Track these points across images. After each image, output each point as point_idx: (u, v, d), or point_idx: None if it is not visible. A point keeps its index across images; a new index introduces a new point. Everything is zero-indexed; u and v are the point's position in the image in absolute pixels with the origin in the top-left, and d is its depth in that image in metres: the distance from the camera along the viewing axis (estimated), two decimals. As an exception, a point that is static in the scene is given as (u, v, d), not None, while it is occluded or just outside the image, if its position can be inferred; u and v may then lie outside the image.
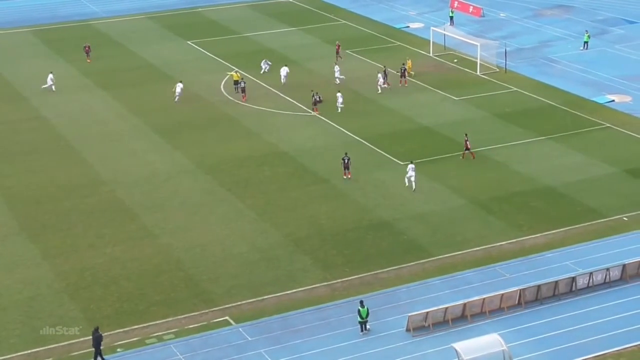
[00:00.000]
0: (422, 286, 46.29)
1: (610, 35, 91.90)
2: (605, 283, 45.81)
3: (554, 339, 41.53)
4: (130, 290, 46.41)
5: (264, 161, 62.22)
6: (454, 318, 42.98)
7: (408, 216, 53.63)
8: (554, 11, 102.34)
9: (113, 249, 50.66)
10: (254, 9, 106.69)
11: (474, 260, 48.70)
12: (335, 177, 59.14)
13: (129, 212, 55.08)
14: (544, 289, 44.59)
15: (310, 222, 53.26)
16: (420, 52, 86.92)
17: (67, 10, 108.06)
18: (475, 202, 55.22)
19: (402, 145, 64.12)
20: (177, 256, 49.72)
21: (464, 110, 71.36)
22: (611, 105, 71.99)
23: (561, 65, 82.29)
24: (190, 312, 44.27)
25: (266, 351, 41.20)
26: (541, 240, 50.59)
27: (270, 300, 45.37)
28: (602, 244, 49.95)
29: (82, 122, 70.45)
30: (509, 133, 66.22)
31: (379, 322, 42.93)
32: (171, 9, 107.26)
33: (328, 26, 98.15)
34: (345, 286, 46.49)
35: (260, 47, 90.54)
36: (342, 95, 71.18)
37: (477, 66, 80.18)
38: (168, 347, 41.65)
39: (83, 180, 59.83)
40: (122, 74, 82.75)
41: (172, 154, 63.83)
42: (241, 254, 49.75)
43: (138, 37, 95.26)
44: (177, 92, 72.77)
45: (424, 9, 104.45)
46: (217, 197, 56.94)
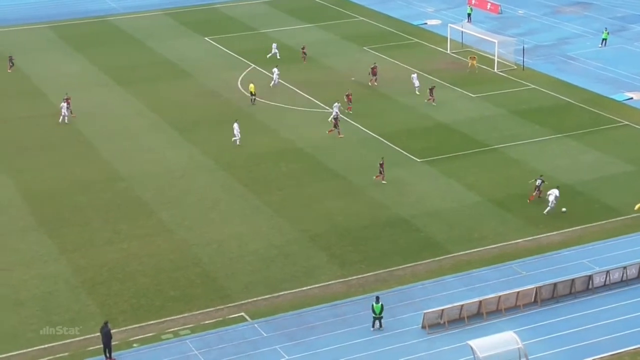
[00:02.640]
0: (437, 283, 46.23)
1: (629, 32, 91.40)
2: (622, 281, 45.61)
3: (570, 337, 41.40)
4: (147, 286, 46.58)
5: (281, 157, 62.27)
6: (469, 315, 42.91)
7: (424, 213, 53.57)
8: (573, 8, 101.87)
9: (130, 244, 50.85)
10: (271, 5, 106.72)
11: (490, 257, 48.59)
12: (351, 173, 59.13)
13: (146, 207, 55.26)
14: (560, 287, 44.44)
15: (326, 218, 53.27)
16: (438, 49, 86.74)
17: (86, 6, 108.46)
18: (492, 200, 55.09)
19: (418, 142, 64.03)
20: (194, 252, 49.85)
21: (481, 107, 71.18)
22: (630, 102, 71.62)
23: (579, 63, 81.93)
24: (206, 308, 44.38)
25: (281, 347, 41.26)
26: (558, 238, 50.41)
27: (285, 296, 45.43)
28: (620, 242, 49.71)
29: (99, 118, 70.70)
30: (526, 130, 66.01)
31: (394, 319, 42.92)
32: (188, 5, 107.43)
33: (345, 23, 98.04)
34: (361, 283, 46.51)
35: (277, 43, 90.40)
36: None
37: (494, 63, 79.93)
38: (184, 343, 41.78)
39: (100, 175, 60.07)
40: (139, 70, 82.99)
41: (189, 150, 63.98)
42: (257, 250, 49.83)
43: (155, 34, 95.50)
44: (235, 134, 64.92)
45: (442, 6, 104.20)
46: (234, 193, 57.05)
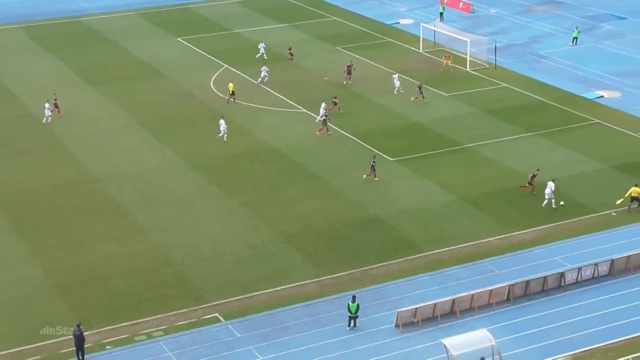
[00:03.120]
0: (411, 282, 46.44)
1: (599, 31, 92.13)
2: (594, 278, 46.04)
3: (542, 334, 41.74)
4: (120, 288, 46.45)
5: (256, 158, 62.27)
6: (442, 314, 43.14)
7: (398, 212, 53.78)
8: (544, 7, 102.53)
9: (104, 246, 50.68)
10: (244, 5, 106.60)
11: (463, 256, 48.87)
12: (327, 173, 59.25)
13: (120, 209, 55.10)
14: (533, 285, 44.79)
15: (301, 219, 53.36)
16: (410, 49, 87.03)
17: (58, 6, 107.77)
18: (465, 198, 55.40)
19: (392, 142, 64.24)
20: (168, 253, 49.77)
21: (454, 106, 71.52)
22: (600, 101, 72.23)
23: (551, 62, 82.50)
24: (180, 309, 44.33)
25: (255, 348, 41.30)
26: (530, 236, 50.79)
27: (259, 297, 45.47)
28: (591, 240, 50.17)
29: (73, 120, 70.30)
30: (498, 129, 66.40)
31: (368, 318, 43.06)
32: (162, 6, 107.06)
33: (318, 22, 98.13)
34: (335, 282, 46.63)
35: (251, 43, 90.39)
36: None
37: (467, 62, 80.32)
38: (157, 344, 41.71)
39: (74, 177, 59.80)
40: (113, 71, 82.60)
41: (163, 151, 63.83)
42: (232, 251, 49.82)
43: (128, 34, 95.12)
44: (222, 130, 65.44)
45: (414, 5, 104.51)
46: (209, 194, 57.00)
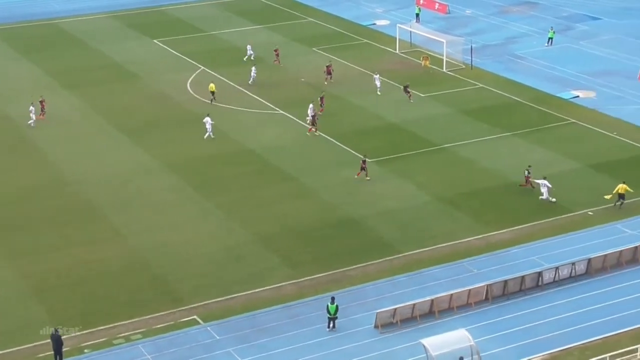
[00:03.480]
0: (389, 283, 46.39)
1: (574, 31, 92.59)
2: (571, 277, 46.18)
3: (521, 334, 41.81)
4: (97, 291, 46.09)
5: (231, 160, 62.05)
6: (421, 314, 43.12)
7: (375, 213, 53.71)
8: (519, 8, 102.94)
9: (79, 249, 50.27)
10: (219, 7, 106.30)
11: (441, 256, 48.88)
12: (302, 174, 59.12)
13: (95, 212, 54.69)
14: (511, 284, 44.86)
15: (277, 220, 53.17)
16: (387, 50, 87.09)
17: (31, 9, 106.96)
18: (442, 199, 55.43)
19: (368, 142, 64.14)
20: (144, 256, 49.45)
21: (431, 106, 71.58)
22: (576, 100, 72.56)
23: (527, 62, 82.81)
24: (158, 312, 44.04)
25: (234, 350, 41.11)
26: (507, 236, 50.88)
27: (238, 299, 45.26)
28: (568, 239, 50.34)
29: (46, 122, 69.73)
30: (475, 129, 66.53)
31: (347, 319, 42.95)
32: (136, 7, 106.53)
33: (294, 24, 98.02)
34: (313, 284, 46.48)
35: (227, 44, 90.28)
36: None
37: (443, 63, 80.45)
38: (136, 347, 41.42)
39: (49, 180, 59.34)
40: (86, 73, 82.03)
41: (138, 154, 63.45)
42: (208, 253, 49.58)
43: (103, 36, 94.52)
44: (207, 128, 65.50)
45: (391, 7, 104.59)
46: (184, 196, 56.70)
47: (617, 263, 47.27)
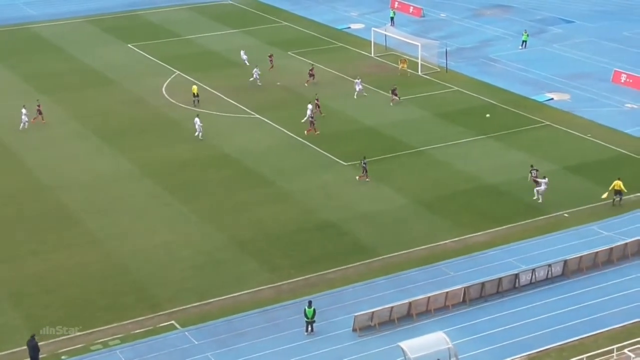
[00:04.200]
0: (367, 286, 46.51)
1: (548, 34, 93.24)
2: (548, 279, 46.49)
3: (498, 336, 42.03)
4: (75, 297, 45.90)
5: (208, 164, 62.01)
6: (399, 317, 43.27)
7: (353, 216, 53.85)
8: (493, 11, 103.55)
9: (56, 255, 50.06)
10: (194, 11, 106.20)
11: (419, 259, 49.07)
12: (279, 178, 59.17)
13: (72, 217, 54.48)
14: (488, 286, 45.11)
15: (255, 224, 53.19)
16: (362, 53, 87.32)
17: (4, 13, 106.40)
18: (419, 202, 55.66)
19: (345, 146, 64.33)
20: (122, 261, 49.30)
21: (407, 110, 71.85)
22: (550, 103, 73.09)
23: (501, 65, 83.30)
24: (136, 317, 43.91)
25: (212, 354, 41.06)
26: (484, 238, 51.16)
27: (215, 303, 45.22)
28: (544, 241, 50.68)
29: (20, 127, 69.39)
30: (450, 132, 66.85)
31: (326, 322, 43.04)
32: (111, 12, 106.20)
33: (269, 28, 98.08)
34: (291, 288, 46.53)
35: (202, 49, 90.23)
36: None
37: (418, 66, 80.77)
38: (114, 353, 41.27)
39: (24, 185, 59.03)
40: (62, 78, 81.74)
41: (115, 158, 63.26)
42: (186, 258, 49.51)
43: (78, 41, 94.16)
44: (197, 128, 65.78)
45: (365, 10, 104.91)
46: (162, 201, 56.60)
47: (593, 264, 47.64)
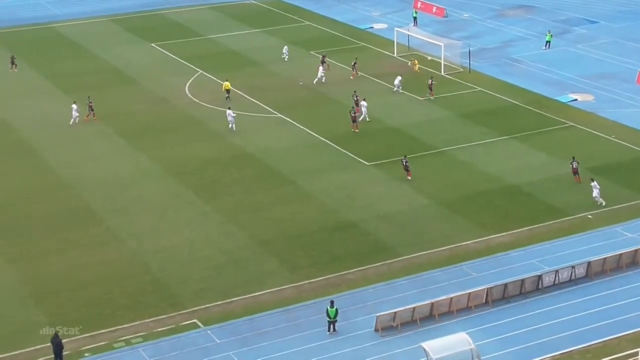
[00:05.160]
0: (389, 286, 46.40)
1: (572, 34, 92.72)
2: (571, 281, 46.21)
3: (521, 337, 41.82)
4: (97, 295, 46.08)
5: (230, 163, 62.07)
6: (421, 318, 43.14)
7: (374, 216, 53.74)
8: (516, 11, 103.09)
9: (78, 253, 50.26)
10: (216, 11, 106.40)
11: (441, 259, 48.91)
12: (301, 178, 59.13)
13: (94, 216, 54.69)
14: (511, 288, 44.89)
15: (276, 223, 53.19)
16: (384, 53, 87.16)
17: (28, 12, 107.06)
18: (441, 202, 55.46)
19: (367, 146, 64.22)
20: (144, 260, 49.43)
21: (429, 110, 71.67)
22: (574, 104, 72.66)
23: (524, 65, 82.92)
24: (158, 316, 44.03)
25: (235, 353, 41.10)
26: (507, 239, 50.92)
27: (238, 302, 45.26)
28: (567, 242, 50.37)
29: (44, 126, 69.79)
30: (473, 133, 66.60)
31: (347, 322, 42.97)
32: (133, 12, 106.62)
33: (291, 27, 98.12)
34: (313, 287, 46.50)
35: (224, 48, 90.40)
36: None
37: (441, 66, 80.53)
38: (136, 351, 41.42)
39: (47, 184, 59.32)
40: (85, 77, 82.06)
41: (137, 157, 63.46)
42: (208, 257, 49.58)
43: (101, 40, 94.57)
44: (230, 120, 67.20)
45: (388, 10, 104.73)
46: (183, 200, 56.71)
47: (617, 266, 47.32)
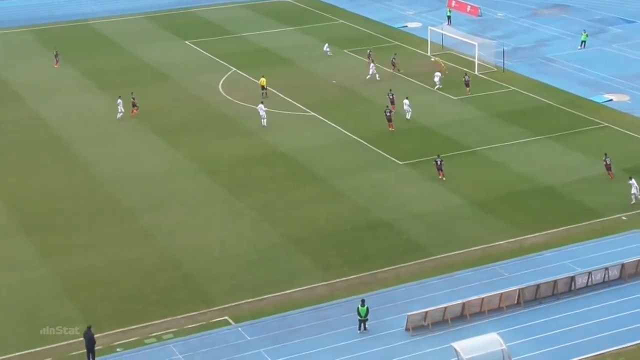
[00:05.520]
0: (420, 286, 46.31)
1: (607, 34, 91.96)
2: (604, 282, 45.84)
3: (553, 338, 41.56)
4: (129, 290, 46.40)
5: (263, 161, 62.23)
6: (453, 317, 43.01)
7: (406, 216, 53.64)
8: (551, 10, 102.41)
9: (111, 249, 50.66)
10: (250, 9, 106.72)
11: (473, 259, 48.72)
12: (333, 177, 59.16)
13: (128, 212, 55.07)
14: (543, 288, 44.63)
15: (308, 222, 53.27)
16: (418, 52, 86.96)
17: (66, 9, 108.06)
18: (474, 202, 55.25)
19: (400, 145, 64.12)
20: (176, 256, 49.71)
21: (462, 109, 71.40)
22: (609, 104, 72.06)
23: (558, 65, 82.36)
24: (189, 312, 44.27)
25: (265, 351, 41.22)
26: (540, 240, 50.62)
27: (269, 300, 45.39)
28: (601, 243, 49.98)
29: (80, 123, 70.42)
30: (507, 132, 66.26)
31: (378, 321, 42.95)
32: (168, 9, 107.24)
33: (325, 26, 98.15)
34: (345, 286, 46.50)
35: (257, 46, 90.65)
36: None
37: (475, 66, 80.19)
38: (167, 347, 41.65)
39: (81, 180, 59.83)
40: (120, 74, 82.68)
41: (170, 154, 63.82)
42: (240, 254, 49.75)
43: (136, 37, 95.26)
44: (262, 114, 67.88)
45: (422, 9, 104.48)
46: (216, 197, 56.95)
47: (651, 268, 46.95)
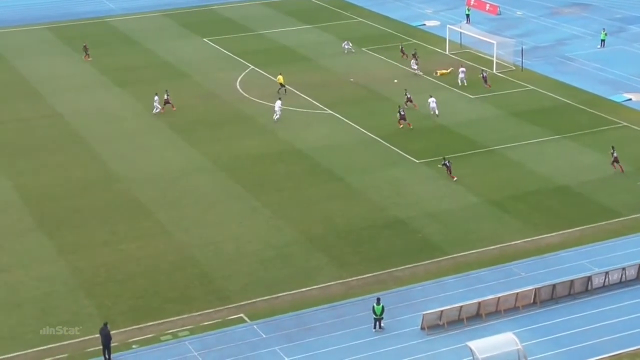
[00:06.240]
0: (436, 285, 46.20)
1: (627, 33, 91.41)
2: (621, 282, 45.59)
3: (569, 338, 41.38)
4: (145, 287, 46.53)
5: (279, 159, 62.26)
6: (468, 317, 42.89)
7: (423, 214, 53.53)
8: (571, 9, 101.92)
9: (128, 245, 50.81)
10: (269, 7, 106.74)
11: (489, 258, 48.57)
12: (349, 174, 59.11)
13: (144, 209, 55.21)
14: (560, 288, 44.43)
15: (325, 220, 53.24)
16: (436, 50, 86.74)
17: (84, 7, 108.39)
18: (490, 201, 55.07)
19: (417, 143, 63.98)
20: (192, 253, 49.80)
21: (481, 108, 71.17)
22: (628, 104, 71.62)
23: (578, 64, 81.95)
24: (205, 309, 44.33)
25: (281, 349, 41.23)
26: (556, 239, 50.40)
27: (285, 297, 45.40)
28: (618, 243, 49.70)
29: (97, 119, 70.66)
30: (524, 132, 65.98)
31: (393, 320, 42.89)
32: (187, 7, 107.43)
33: (344, 24, 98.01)
34: (360, 284, 46.46)
35: (275, 44, 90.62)
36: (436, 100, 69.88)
37: (493, 64, 79.91)
38: (183, 344, 41.74)
39: (98, 177, 60.03)
40: (138, 71, 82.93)
41: (187, 151, 63.94)
42: (256, 252, 49.78)
43: (154, 35, 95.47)
44: (277, 110, 68.35)
45: (440, 7, 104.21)
46: (232, 194, 57.01)
47: (669, 269, 46.63)
